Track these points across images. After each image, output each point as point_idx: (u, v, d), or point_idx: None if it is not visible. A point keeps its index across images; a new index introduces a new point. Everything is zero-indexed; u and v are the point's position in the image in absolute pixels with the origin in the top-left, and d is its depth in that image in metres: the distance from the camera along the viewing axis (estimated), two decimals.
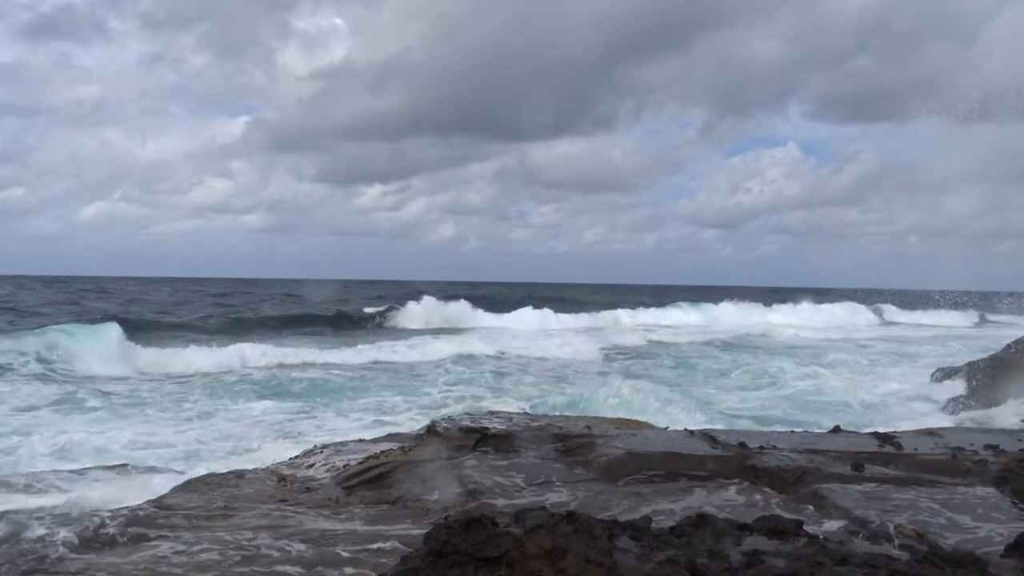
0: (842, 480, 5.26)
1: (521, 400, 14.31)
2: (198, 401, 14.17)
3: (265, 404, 13.81)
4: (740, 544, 3.28)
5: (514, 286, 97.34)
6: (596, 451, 6.17)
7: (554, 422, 7.41)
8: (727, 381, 18.72)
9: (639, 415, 9.57)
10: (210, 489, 6.24)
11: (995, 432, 7.79)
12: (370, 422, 12.15)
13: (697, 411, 12.90)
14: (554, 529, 2.97)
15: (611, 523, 3.33)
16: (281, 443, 10.43)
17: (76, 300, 42.44)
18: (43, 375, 17.05)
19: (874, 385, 17.39)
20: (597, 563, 2.89)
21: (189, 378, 17.19)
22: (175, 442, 10.31)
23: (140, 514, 5.35)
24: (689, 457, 5.89)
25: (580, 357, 22.38)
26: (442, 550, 2.94)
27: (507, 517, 3.37)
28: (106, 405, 13.85)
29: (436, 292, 42.45)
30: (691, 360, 22.67)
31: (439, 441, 6.62)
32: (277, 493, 6.11)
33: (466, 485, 5.55)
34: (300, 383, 16.70)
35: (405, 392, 15.67)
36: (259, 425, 11.94)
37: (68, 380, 16.72)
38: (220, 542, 4.61)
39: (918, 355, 23.34)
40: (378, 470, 6.20)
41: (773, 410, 14.14)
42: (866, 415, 13.18)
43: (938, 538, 4.02)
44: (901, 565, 2.99)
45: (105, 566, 4.27)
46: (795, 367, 20.12)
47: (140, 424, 11.85)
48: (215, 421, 12.22)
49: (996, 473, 5.28)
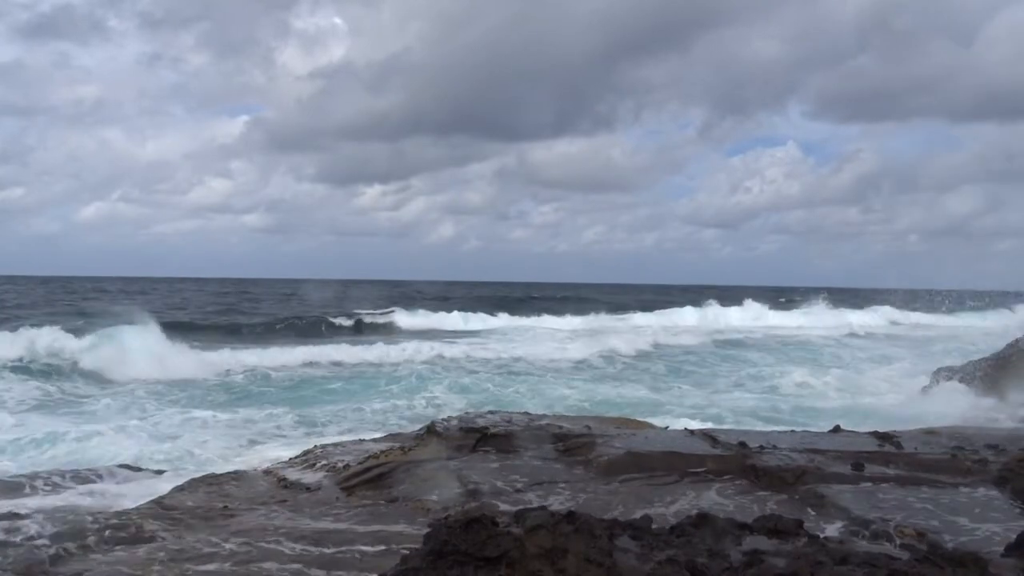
0: (842, 480, 5.26)
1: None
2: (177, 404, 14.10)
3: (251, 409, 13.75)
4: (740, 544, 3.28)
5: (513, 286, 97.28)
6: (596, 451, 6.17)
7: (554, 422, 7.42)
8: (727, 381, 18.71)
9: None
10: (210, 490, 6.24)
11: (995, 431, 7.79)
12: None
13: (691, 411, 12.86)
14: (554, 529, 2.97)
15: (611, 523, 3.33)
16: (281, 443, 10.43)
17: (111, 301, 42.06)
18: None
19: (874, 384, 17.39)
20: (597, 563, 2.88)
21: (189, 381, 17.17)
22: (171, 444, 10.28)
23: (141, 514, 5.35)
24: (689, 457, 5.89)
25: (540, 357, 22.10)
26: (442, 550, 2.94)
27: (507, 517, 3.36)
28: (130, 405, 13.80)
29: (436, 292, 42.39)
30: (684, 360, 22.58)
31: (439, 441, 6.62)
32: (277, 494, 6.11)
33: (466, 485, 5.55)
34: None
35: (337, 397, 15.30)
36: (256, 427, 11.93)
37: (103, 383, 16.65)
38: (220, 543, 4.61)
39: (919, 354, 23.34)
40: (378, 470, 6.20)
41: (772, 410, 14.12)
42: (866, 414, 13.18)
43: (938, 537, 4.02)
44: (901, 564, 2.99)
45: (105, 567, 4.26)
46: (794, 367, 20.12)
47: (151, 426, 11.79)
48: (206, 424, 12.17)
49: (996, 472, 5.28)
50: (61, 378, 17.03)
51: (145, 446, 9.86)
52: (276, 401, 14.66)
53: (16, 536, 4.79)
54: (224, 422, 12.14)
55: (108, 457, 9.07)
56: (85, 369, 17.84)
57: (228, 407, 13.82)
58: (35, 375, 16.97)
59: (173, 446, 9.96)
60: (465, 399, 14.89)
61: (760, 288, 79.88)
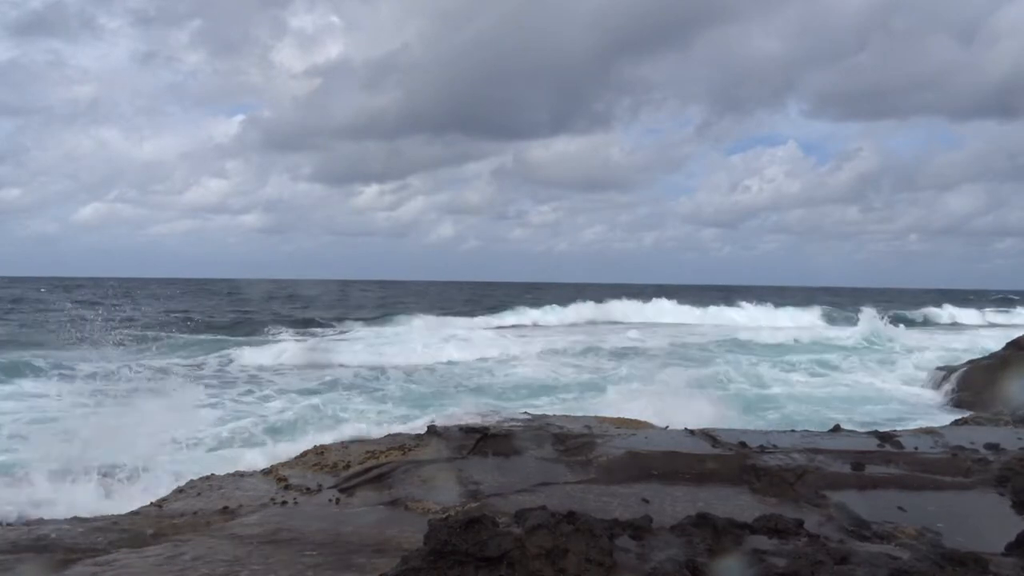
0: (842, 479, 5.27)
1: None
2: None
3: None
4: (741, 543, 3.28)
5: (513, 286, 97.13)
6: (596, 451, 6.18)
7: (554, 422, 7.42)
8: (726, 381, 18.68)
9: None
10: (210, 491, 6.24)
11: (996, 430, 7.79)
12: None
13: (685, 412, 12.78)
14: (555, 529, 2.97)
15: (612, 523, 3.32)
16: (281, 444, 10.41)
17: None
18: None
19: (874, 384, 17.40)
20: (598, 563, 2.88)
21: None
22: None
23: (140, 517, 5.35)
24: (689, 456, 5.89)
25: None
26: (442, 550, 2.94)
27: (507, 517, 3.37)
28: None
29: (435, 292, 42.32)
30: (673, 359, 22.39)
31: (439, 441, 6.62)
32: (277, 495, 6.10)
33: (466, 485, 5.55)
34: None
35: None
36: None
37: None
38: (220, 544, 4.61)
39: (919, 354, 23.33)
40: (378, 471, 6.20)
41: (772, 410, 14.11)
42: (866, 414, 13.18)
43: (938, 537, 4.02)
44: (902, 564, 2.99)
45: (105, 568, 4.26)
46: (794, 366, 20.13)
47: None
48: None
49: (997, 472, 5.29)
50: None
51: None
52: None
53: (20, 537, 4.78)
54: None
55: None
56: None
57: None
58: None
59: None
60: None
61: (760, 287, 79.82)
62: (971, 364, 15.92)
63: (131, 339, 23.91)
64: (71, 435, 9.99)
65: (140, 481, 7.32)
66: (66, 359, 17.50)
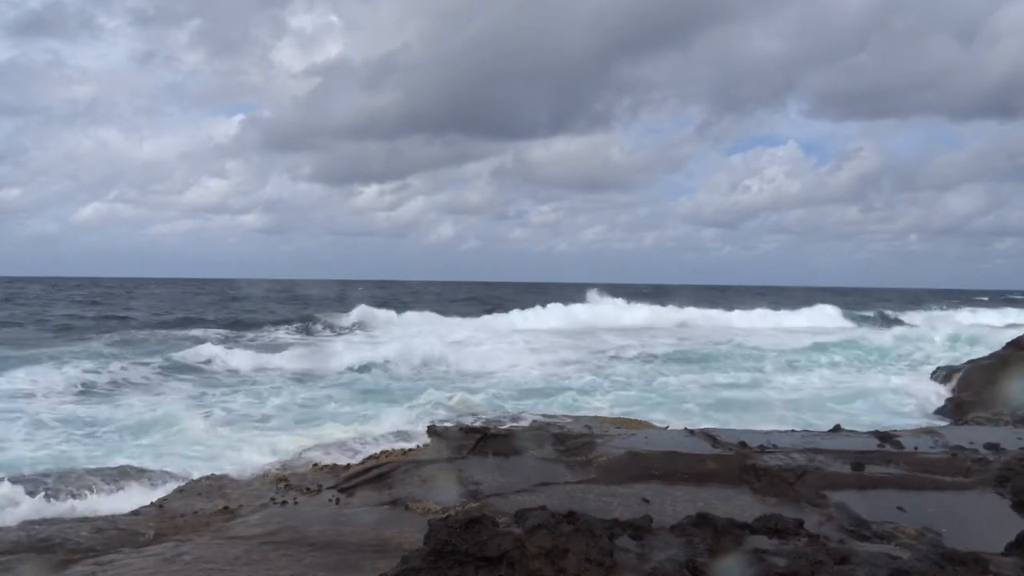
0: (843, 479, 5.27)
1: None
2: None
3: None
4: (741, 543, 3.28)
5: (513, 286, 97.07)
6: (596, 451, 6.17)
7: (554, 422, 7.42)
8: (726, 381, 18.68)
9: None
10: (210, 491, 6.24)
11: (996, 430, 7.79)
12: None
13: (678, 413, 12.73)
14: (555, 529, 2.97)
15: (612, 523, 3.32)
16: (281, 444, 10.40)
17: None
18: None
19: (874, 384, 17.38)
20: (598, 562, 2.88)
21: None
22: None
23: (140, 517, 5.35)
24: (689, 456, 5.89)
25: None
26: (442, 550, 2.94)
27: (507, 517, 3.37)
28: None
29: (436, 292, 42.28)
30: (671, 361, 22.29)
31: (439, 441, 6.62)
32: (277, 495, 6.10)
33: (467, 485, 5.55)
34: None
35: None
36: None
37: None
38: (220, 544, 4.61)
39: (919, 354, 23.31)
40: (378, 470, 6.20)
41: (772, 410, 14.10)
42: (866, 414, 13.17)
43: (938, 536, 4.02)
44: (902, 563, 2.99)
45: (106, 568, 4.26)
46: (793, 367, 20.11)
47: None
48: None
49: (997, 472, 5.29)
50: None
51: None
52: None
53: (20, 538, 4.79)
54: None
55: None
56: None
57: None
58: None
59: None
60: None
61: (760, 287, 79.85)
62: (971, 364, 15.92)
63: (129, 338, 24.00)
64: (70, 435, 10.03)
65: (140, 481, 7.31)
66: (60, 355, 17.56)
